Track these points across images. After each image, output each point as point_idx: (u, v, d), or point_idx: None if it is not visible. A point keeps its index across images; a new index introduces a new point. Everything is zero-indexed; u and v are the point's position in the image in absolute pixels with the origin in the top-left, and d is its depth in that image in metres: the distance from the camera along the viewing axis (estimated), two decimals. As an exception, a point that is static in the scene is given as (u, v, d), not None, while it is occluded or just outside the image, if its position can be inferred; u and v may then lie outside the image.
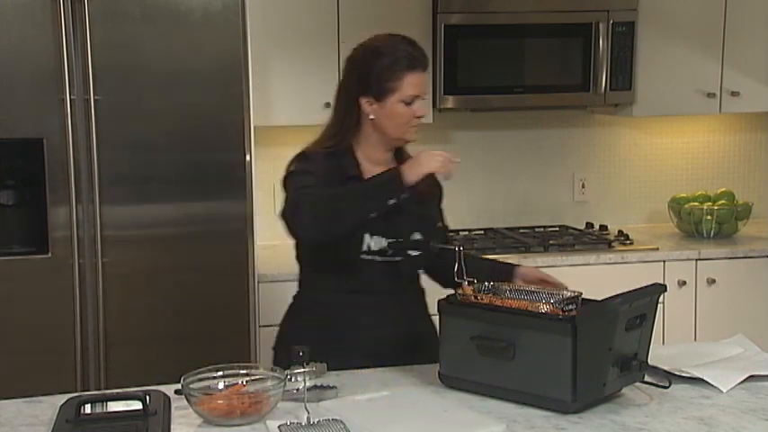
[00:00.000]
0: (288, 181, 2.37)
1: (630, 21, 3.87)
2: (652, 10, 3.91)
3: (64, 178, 3.11)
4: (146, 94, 3.18)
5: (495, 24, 3.80)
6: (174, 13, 3.16)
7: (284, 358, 2.21)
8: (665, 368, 2.15)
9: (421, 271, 2.51)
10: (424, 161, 2.21)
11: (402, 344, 2.38)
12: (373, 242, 2.34)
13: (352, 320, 2.38)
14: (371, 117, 2.35)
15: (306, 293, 2.51)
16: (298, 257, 2.50)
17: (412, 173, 2.21)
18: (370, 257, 2.35)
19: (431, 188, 2.44)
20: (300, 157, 2.41)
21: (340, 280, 2.39)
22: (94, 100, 3.10)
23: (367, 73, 2.34)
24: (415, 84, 2.32)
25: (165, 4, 3.16)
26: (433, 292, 2.37)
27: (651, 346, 2.12)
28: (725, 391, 2.09)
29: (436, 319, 2.23)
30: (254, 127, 3.32)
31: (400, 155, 2.45)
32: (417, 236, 2.40)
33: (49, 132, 3.11)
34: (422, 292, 2.52)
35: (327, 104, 3.65)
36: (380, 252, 2.35)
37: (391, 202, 2.23)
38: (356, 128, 2.39)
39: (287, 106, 3.69)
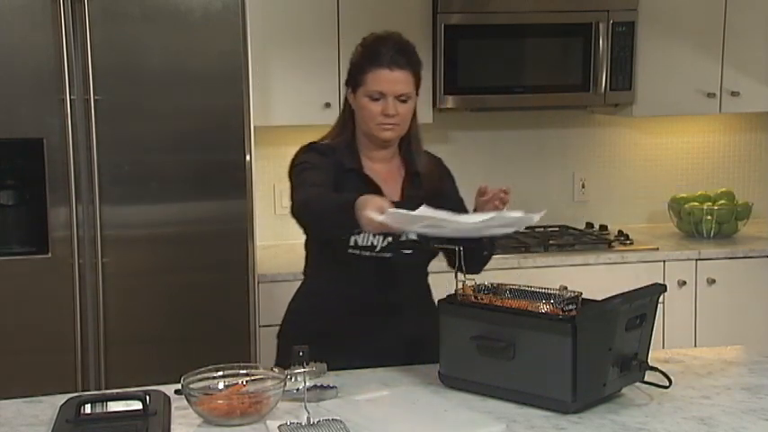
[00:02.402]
0: (293, 175, 2.39)
1: (630, 21, 3.86)
2: (652, 10, 3.91)
3: (64, 178, 3.11)
4: (146, 94, 3.17)
5: (495, 24, 3.80)
6: (174, 13, 3.16)
7: (286, 351, 2.23)
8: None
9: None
10: (362, 220, 2.06)
11: (396, 340, 2.38)
12: (360, 238, 2.34)
13: (346, 313, 2.38)
14: (352, 108, 2.41)
15: (309, 281, 2.53)
16: (305, 245, 2.52)
17: (361, 217, 2.07)
18: (357, 252, 2.35)
19: (435, 184, 2.46)
20: (306, 149, 2.44)
21: (335, 271, 2.41)
22: (94, 100, 3.10)
23: (350, 64, 2.42)
24: (379, 80, 2.32)
25: (165, 4, 3.16)
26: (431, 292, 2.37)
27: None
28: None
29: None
30: (254, 127, 3.32)
31: (410, 155, 2.45)
32: (413, 235, 2.36)
33: (49, 132, 3.11)
34: (427, 289, 2.52)
35: (327, 104, 3.69)
36: (368, 248, 2.35)
37: (356, 231, 2.22)
38: (353, 119, 2.43)
39: (287, 106, 3.69)
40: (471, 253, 2.22)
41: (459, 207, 2.47)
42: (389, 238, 2.36)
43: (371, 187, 2.36)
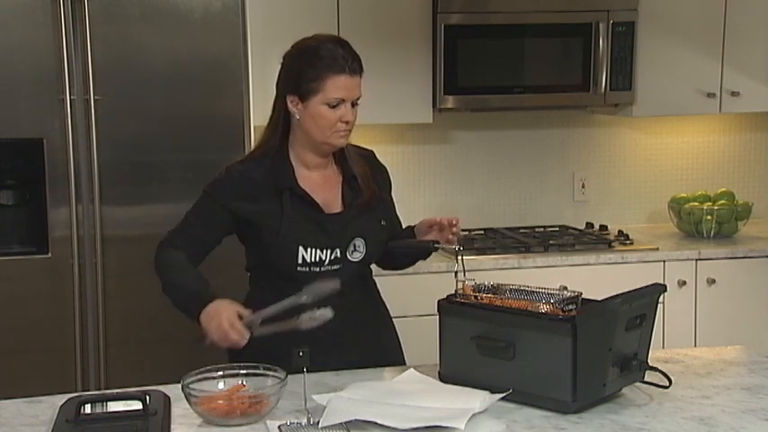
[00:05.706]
0: (200, 197, 2.41)
1: (630, 21, 3.86)
2: (652, 10, 3.91)
3: (64, 178, 3.11)
4: (146, 93, 3.18)
5: (495, 24, 3.80)
6: (174, 13, 3.17)
7: (236, 358, 2.21)
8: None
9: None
10: (212, 329, 2.14)
11: (352, 344, 2.30)
12: (308, 254, 2.30)
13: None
14: (297, 117, 2.32)
15: (252, 298, 2.40)
16: (246, 257, 2.47)
17: (205, 321, 2.18)
18: (306, 269, 2.30)
19: (375, 193, 2.40)
20: (223, 176, 2.40)
21: (282, 289, 2.25)
22: (94, 100, 3.10)
23: (294, 71, 2.31)
24: (339, 87, 2.26)
25: (164, 4, 3.16)
26: (431, 292, 2.36)
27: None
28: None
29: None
30: (254, 127, 3.32)
31: (344, 160, 2.39)
32: (359, 242, 2.35)
33: (49, 132, 3.11)
34: (372, 286, 2.50)
35: (327, 104, 3.69)
36: (317, 263, 2.31)
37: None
38: (288, 129, 2.35)
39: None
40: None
41: (392, 215, 2.48)
42: (337, 251, 2.32)
43: (311, 206, 2.32)
